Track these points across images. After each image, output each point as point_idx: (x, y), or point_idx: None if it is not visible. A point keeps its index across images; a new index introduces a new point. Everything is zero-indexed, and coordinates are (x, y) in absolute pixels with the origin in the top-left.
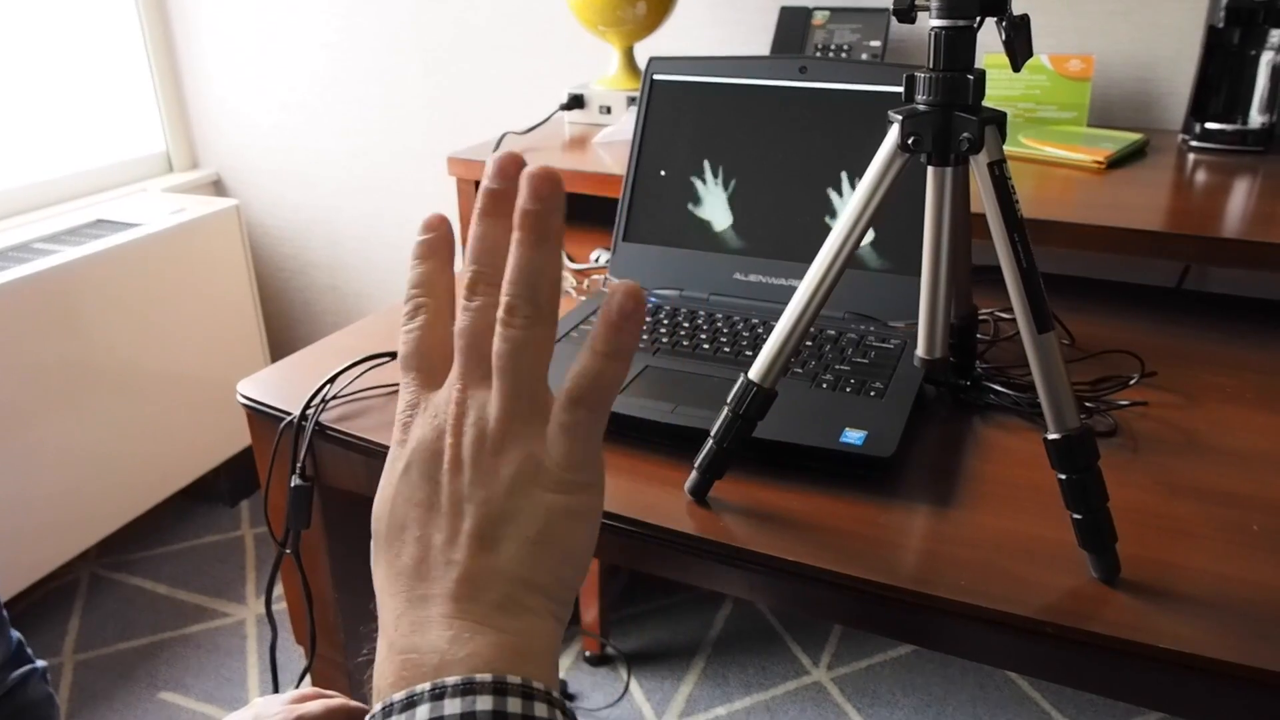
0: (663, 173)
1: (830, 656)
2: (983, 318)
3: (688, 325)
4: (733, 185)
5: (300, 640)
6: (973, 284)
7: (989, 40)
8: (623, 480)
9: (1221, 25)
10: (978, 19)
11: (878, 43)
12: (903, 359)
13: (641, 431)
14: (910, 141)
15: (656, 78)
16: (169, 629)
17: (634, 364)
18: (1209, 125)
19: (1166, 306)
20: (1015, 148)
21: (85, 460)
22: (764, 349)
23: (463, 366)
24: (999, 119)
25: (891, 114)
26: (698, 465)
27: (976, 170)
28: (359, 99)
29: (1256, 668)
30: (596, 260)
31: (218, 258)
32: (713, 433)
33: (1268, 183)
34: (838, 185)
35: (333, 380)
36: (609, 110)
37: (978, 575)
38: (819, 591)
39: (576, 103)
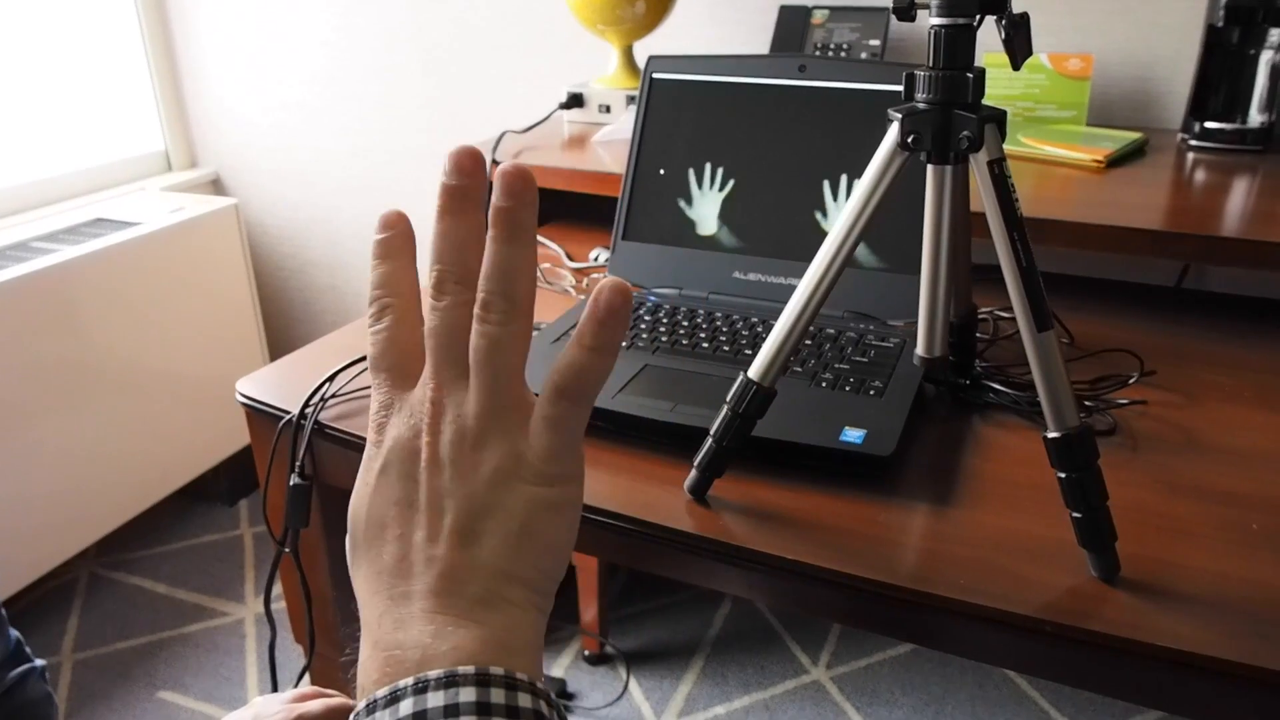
0: (662, 171)
1: (829, 655)
2: (982, 316)
3: (687, 324)
4: (732, 184)
5: (299, 639)
6: (972, 283)
7: (988, 39)
8: (622, 479)
9: (1221, 24)
10: (977, 17)
11: (877, 41)
12: (902, 358)
13: (641, 430)
14: (910, 140)
15: (656, 76)
16: (168, 628)
17: (634, 363)
18: (1208, 124)
19: (1166, 305)
20: (1014, 147)
21: (84, 459)
22: (763, 347)
23: (435, 366)
24: (999, 117)
25: (891, 112)
26: (697, 464)
27: (976, 169)
28: (358, 98)
29: (1256, 666)
30: (596, 259)
31: (217, 257)
32: (712, 431)
33: (1267, 182)
34: (837, 184)
35: (331, 379)
36: (608, 109)
37: (977, 574)
38: (818, 590)
39: (576, 101)
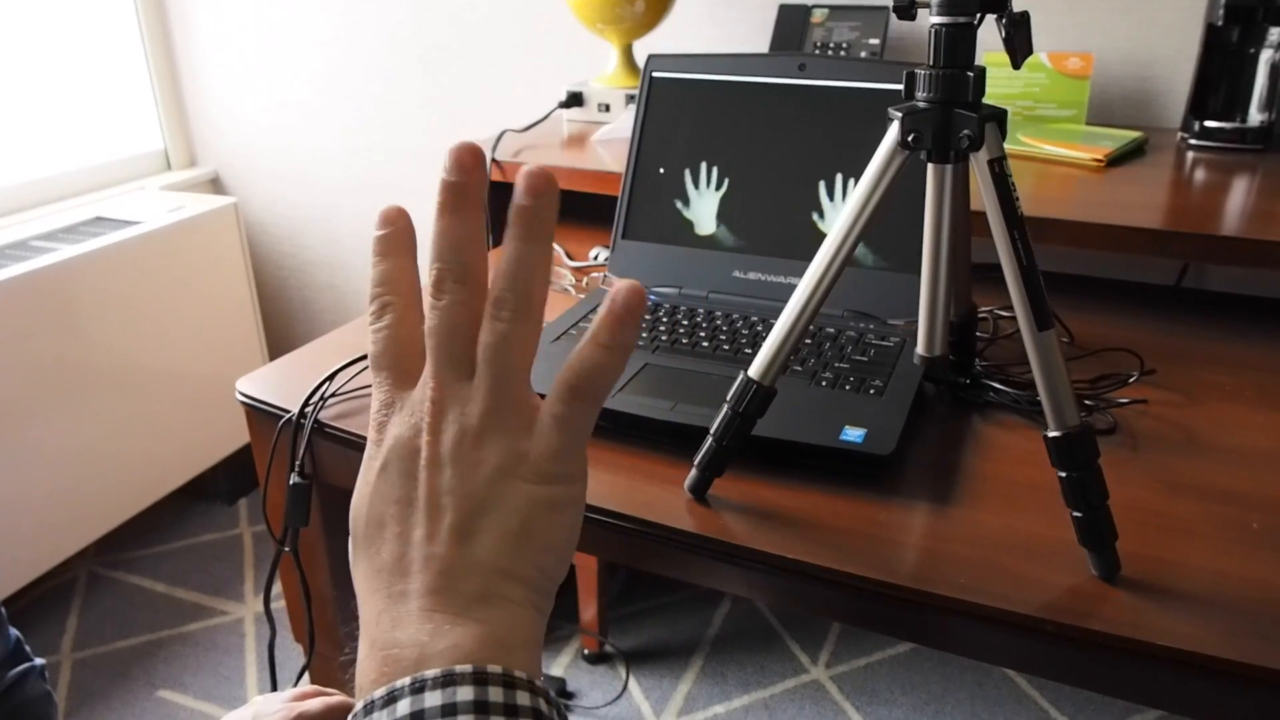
0: (662, 170)
1: (829, 655)
2: (982, 315)
3: (687, 323)
4: (732, 183)
5: (299, 638)
6: (972, 281)
7: (987, 38)
8: (622, 478)
9: (1220, 23)
10: (978, 16)
11: (876, 40)
12: (902, 357)
13: (641, 429)
14: (910, 139)
15: (656, 75)
16: (167, 627)
17: (633, 362)
18: (1208, 123)
19: (1165, 304)
20: (1014, 146)
21: (83, 458)
22: (764, 347)
23: (436, 365)
24: (999, 116)
25: (891, 111)
26: (697, 463)
27: (977, 167)
28: (357, 97)
29: (1256, 665)
30: (596, 258)
31: (216, 256)
32: (712, 430)
33: (1267, 181)
34: (836, 183)
35: (331, 378)
36: (608, 108)
37: (977, 573)
38: (818, 589)
39: (575, 100)
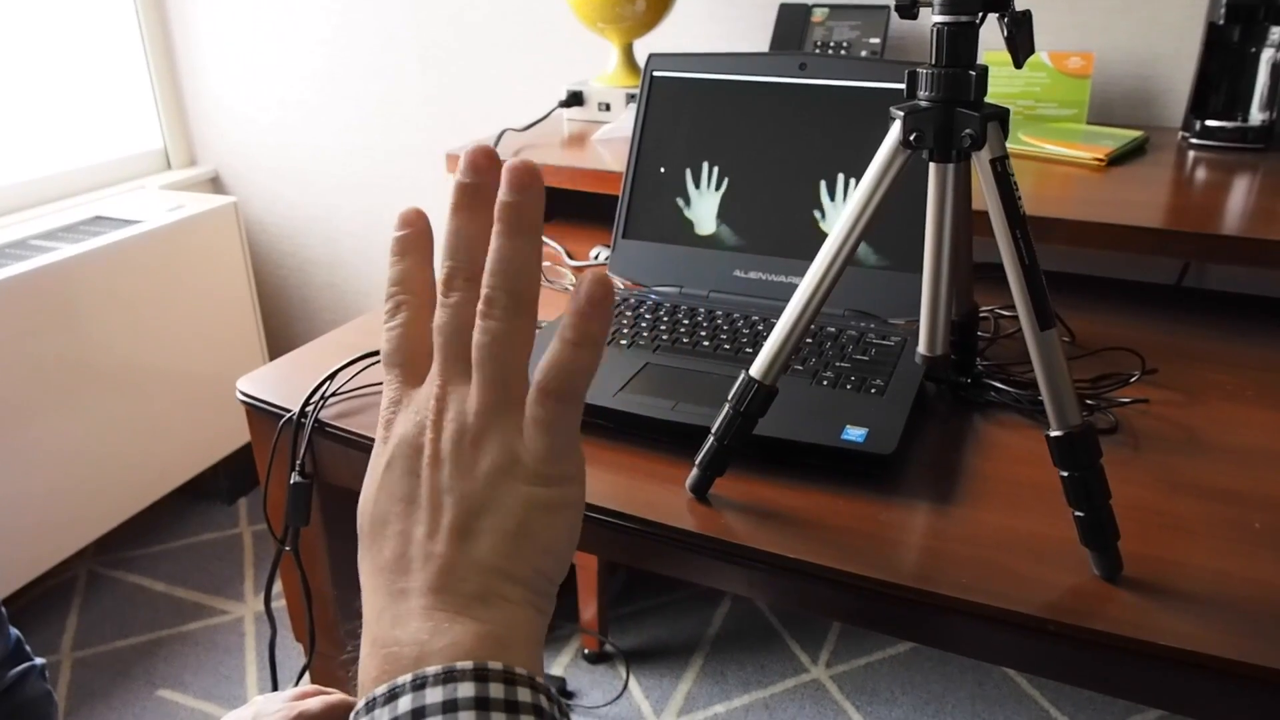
0: (662, 170)
1: (829, 654)
2: (983, 315)
3: (688, 322)
4: (733, 182)
5: (299, 637)
6: (974, 281)
7: (988, 37)
8: (623, 477)
9: (1222, 22)
10: (980, 15)
11: (877, 40)
12: (903, 356)
13: (642, 429)
14: (912, 138)
15: (656, 74)
16: (167, 626)
17: (635, 361)
18: (1209, 122)
19: (1166, 304)
20: (1015, 145)
21: (83, 457)
22: (765, 346)
23: (442, 363)
24: (1001, 115)
25: (893, 110)
26: (698, 462)
27: (979, 167)
28: (357, 96)
29: (1257, 665)
30: (596, 257)
31: (216, 255)
32: (713, 430)
33: (1268, 180)
34: (837, 182)
35: (332, 377)
36: (608, 107)
37: (979, 573)
38: (820, 589)
39: (575, 100)
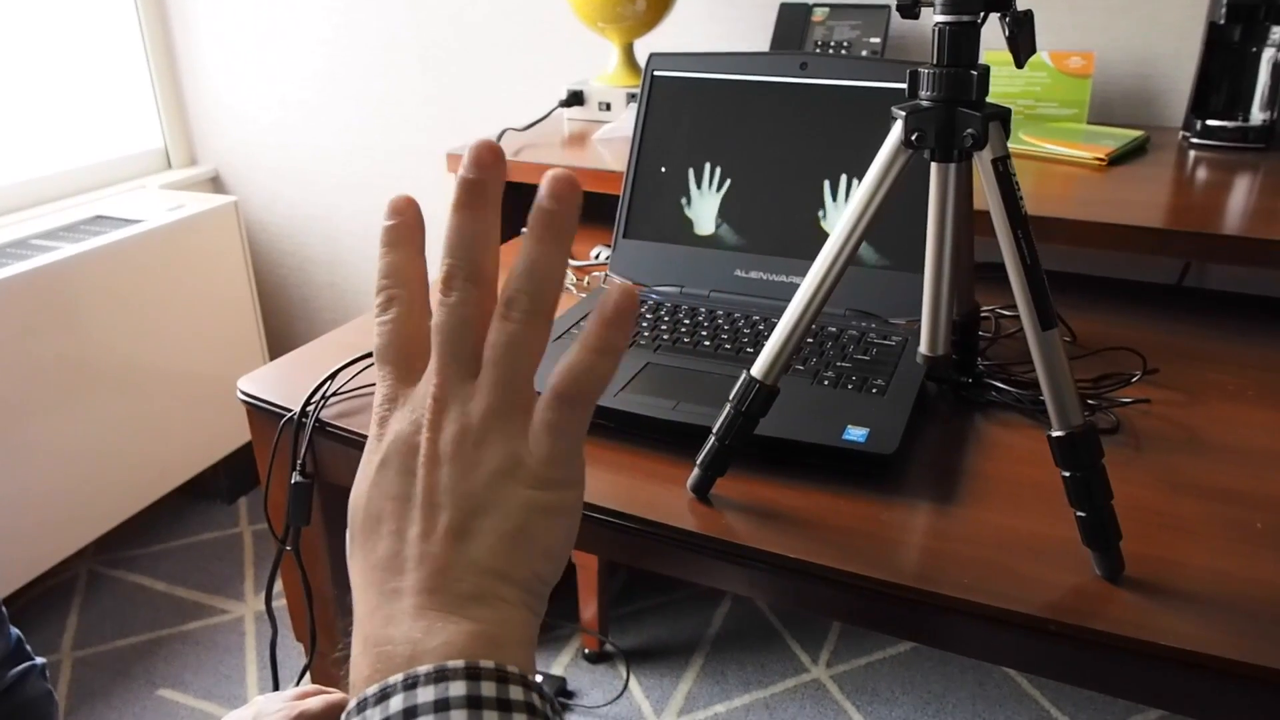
0: (663, 169)
1: (829, 654)
2: (984, 315)
3: (689, 322)
4: (733, 182)
5: (300, 637)
6: (974, 281)
7: (988, 37)
8: (624, 477)
9: (1222, 22)
10: (981, 15)
11: (877, 39)
12: (904, 356)
13: (643, 429)
14: (914, 138)
15: (657, 74)
16: (167, 626)
17: (635, 361)
18: (1210, 122)
19: (1167, 303)
20: (1016, 145)
21: (83, 457)
22: (766, 346)
23: (440, 362)
24: (1003, 115)
25: (895, 110)
26: (699, 462)
27: (980, 166)
28: (357, 96)
29: (1259, 665)
30: (597, 257)
31: (216, 254)
32: (715, 430)
33: (1268, 180)
34: (839, 182)
35: (333, 377)
36: (608, 107)
37: (980, 573)
38: (821, 589)
39: (576, 99)
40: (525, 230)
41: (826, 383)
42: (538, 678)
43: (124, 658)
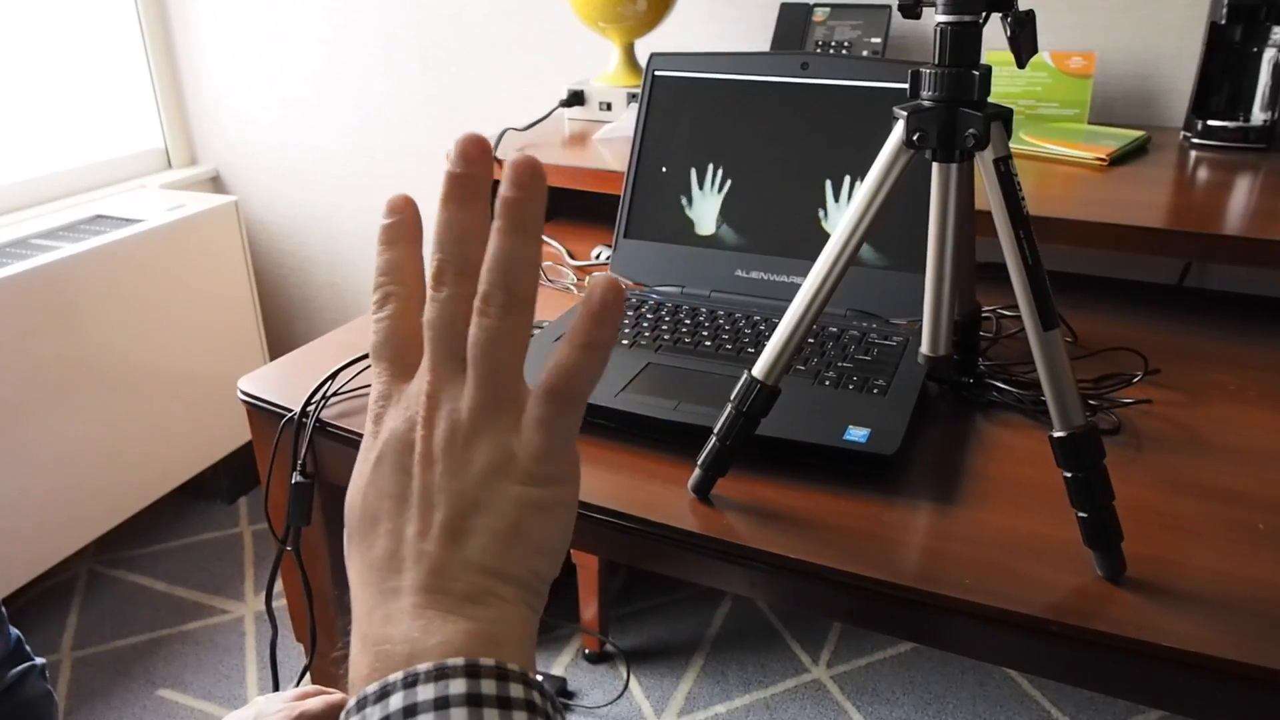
0: (664, 169)
1: (830, 654)
2: (985, 315)
3: (689, 322)
4: (734, 182)
5: (300, 637)
6: (976, 281)
7: (988, 37)
8: (625, 477)
9: (1223, 22)
10: (983, 15)
11: (878, 39)
12: (905, 356)
13: (644, 429)
14: (915, 138)
15: (658, 73)
16: (167, 626)
17: (636, 361)
18: (1211, 122)
19: (1168, 304)
20: (1016, 145)
21: (83, 457)
22: (768, 346)
23: (433, 358)
24: (1005, 115)
25: (896, 110)
26: (700, 462)
27: (982, 167)
28: (358, 95)
29: (1260, 666)
30: (598, 257)
31: (216, 254)
32: (716, 430)
33: (1269, 180)
34: (840, 182)
35: (333, 377)
36: (609, 107)
37: (981, 573)
38: (822, 589)
39: (576, 99)
40: (494, 221)
41: (828, 383)
42: (538, 676)
43: (124, 658)
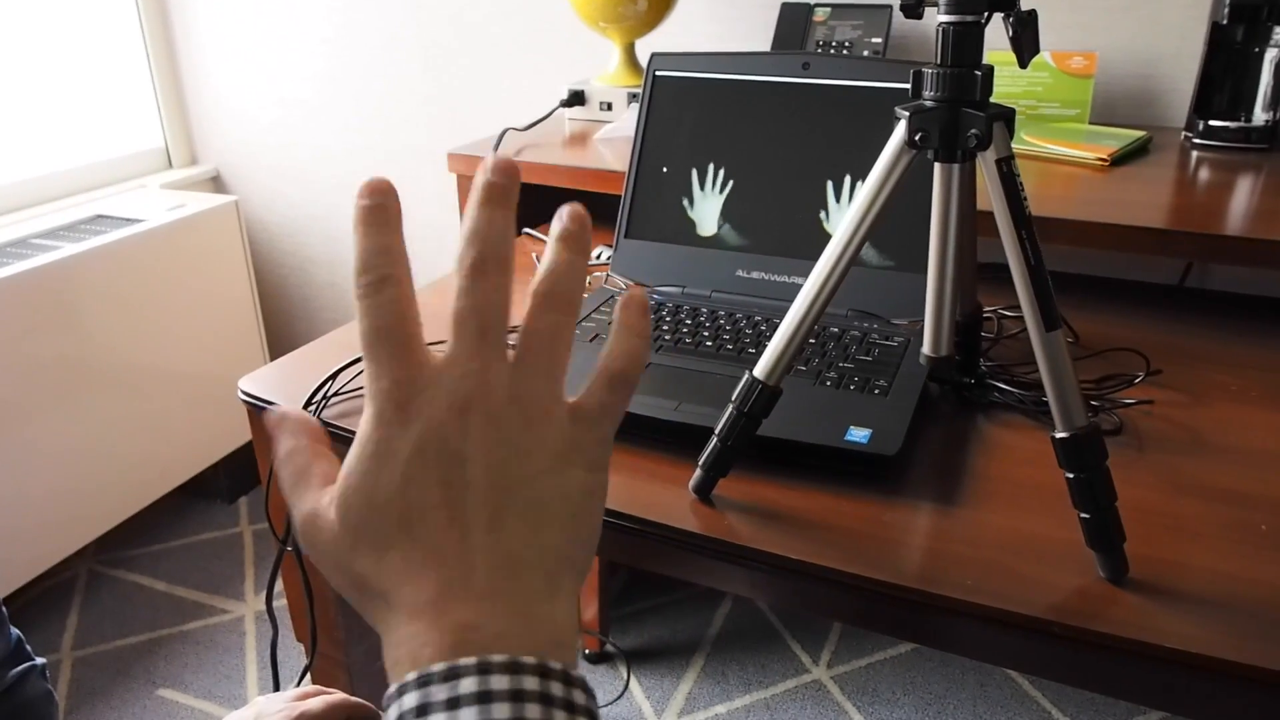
0: (665, 169)
1: (830, 654)
2: (986, 315)
3: (690, 322)
4: (735, 182)
5: (301, 638)
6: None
7: (988, 37)
8: (626, 478)
9: (1225, 22)
10: (985, 15)
11: (879, 39)
12: (906, 356)
13: (645, 429)
14: (917, 138)
15: (659, 73)
16: (167, 626)
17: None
18: (1212, 122)
19: (1170, 304)
20: (1018, 145)
21: (83, 456)
22: (769, 346)
23: (473, 343)
24: (1007, 115)
25: (898, 110)
26: (702, 463)
27: (984, 167)
28: (358, 95)
29: (1263, 668)
30: (599, 257)
31: (216, 254)
32: (717, 430)
33: (1271, 180)
34: (841, 182)
35: (334, 377)
36: (609, 107)
37: (983, 574)
38: (823, 590)
39: (577, 99)
40: (556, 240)
41: (829, 383)
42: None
43: (124, 658)
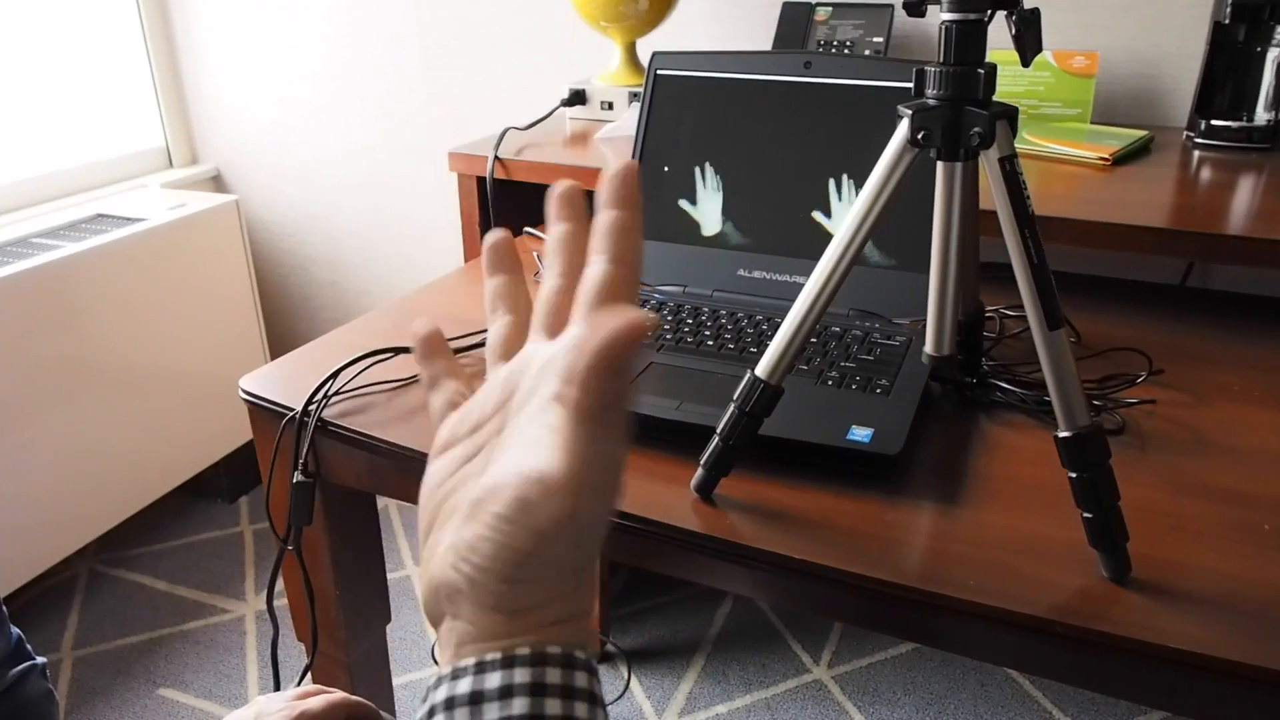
0: (666, 169)
1: (831, 654)
2: (988, 315)
3: (692, 322)
4: (737, 181)
5: (301, 637)
6: (979, 280)
7: (990, 37)
8: (627, 477)
9: (1227, 21)
10: (988, 13)
11: (880, 39)
12: (908, 356)
13: (647, 428)
14: (920, 136)
15: (660, 72)
16: (168, 625)
17: (639, 361)
18: (1214, 122)
19: (1171, 304)
20: (1019, 144)
21: (84, 456)
22: (771, 346)
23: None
24: (1010, 113)
25: (901, 109)
26: (703, 462)
27: (987, 166)
28: (359, 95)
29: (1265, 668)
30: None
31: (217, 253)
32: (719, 430)
33: (1273, 180)
34: (843, 181)
35: (335, 376)
36: (610, 106)
37: (985, 574)
38: (825, 589)
39: (578, 98)
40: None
41: (831, 383)
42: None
43: (124, 657)
